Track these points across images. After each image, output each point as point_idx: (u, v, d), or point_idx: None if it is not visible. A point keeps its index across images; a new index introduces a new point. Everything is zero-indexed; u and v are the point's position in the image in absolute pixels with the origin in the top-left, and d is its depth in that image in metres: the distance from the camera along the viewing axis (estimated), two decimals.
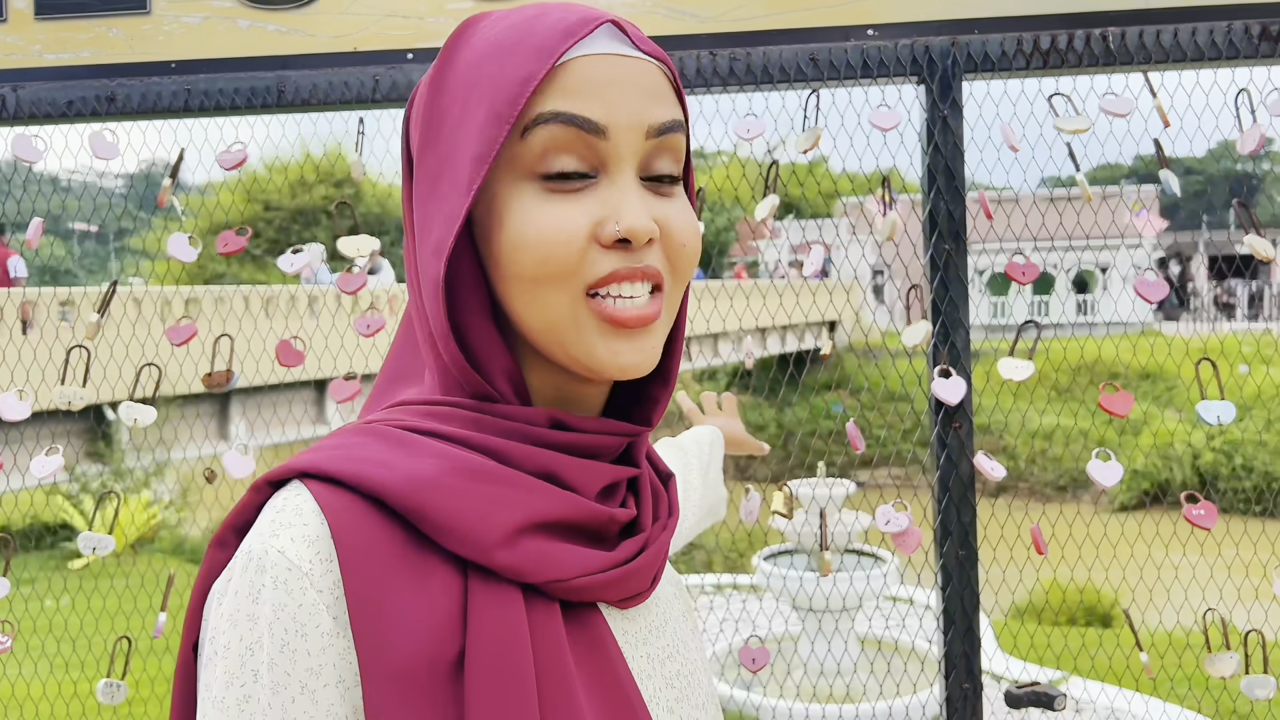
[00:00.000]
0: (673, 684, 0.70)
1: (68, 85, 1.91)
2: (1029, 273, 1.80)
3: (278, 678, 0.55)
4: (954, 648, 1.86)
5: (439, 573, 0.58)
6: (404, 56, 1.90)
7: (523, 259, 0.62)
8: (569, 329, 0.63)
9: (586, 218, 0.62)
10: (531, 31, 0.63)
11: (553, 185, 0.62)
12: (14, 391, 1.87)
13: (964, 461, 1.84)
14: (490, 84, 0.62)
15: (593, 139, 0.62)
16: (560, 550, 0.61)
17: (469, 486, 0.59)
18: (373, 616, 0.55)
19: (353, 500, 0.58)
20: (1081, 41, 1.80)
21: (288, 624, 0.55)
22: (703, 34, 1.88)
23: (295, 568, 0.56)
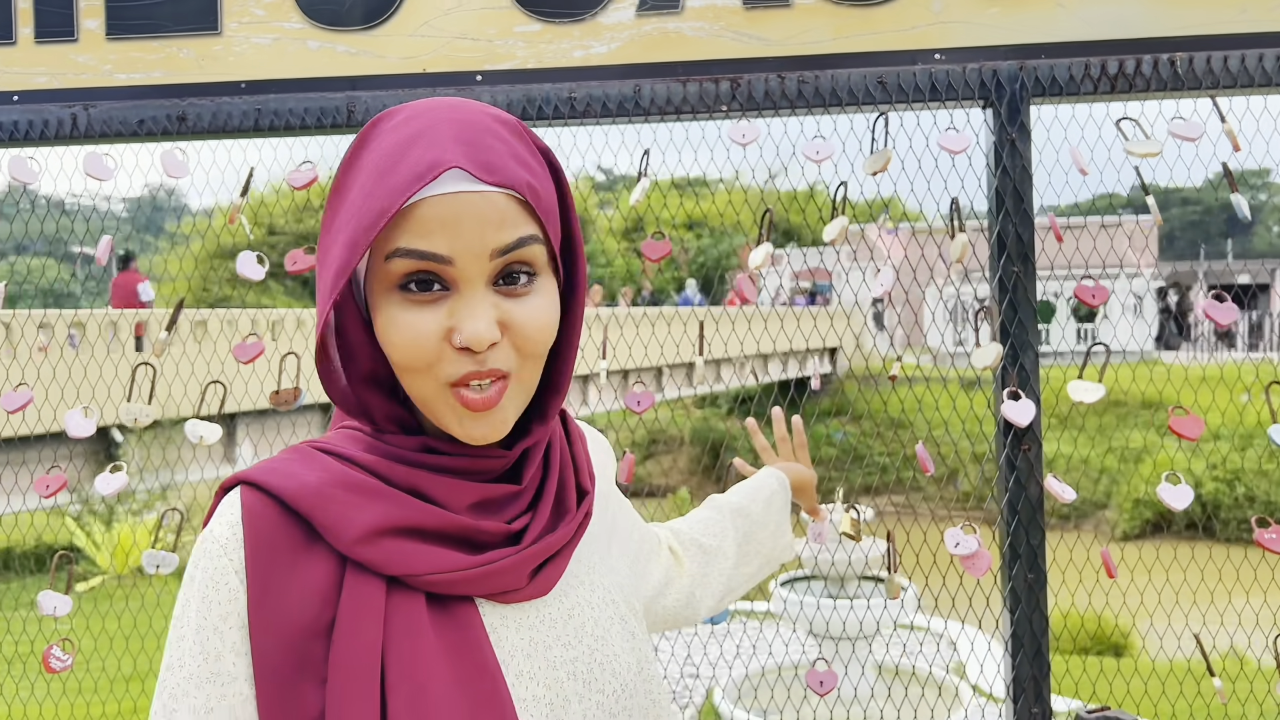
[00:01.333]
0: (556, 667, 0.81)
1: (139, 105, 1.92)
2: (1099, 295, 1.81)
3: (199, 620, 0.74)
4: (1022, 671, 1.86)
5: (323, 560, 0.75)
6: (473, 78, 1.92)
7: (392, 354, 0.77)
8: (435, 406, 0.78)
9: (438, 325, 0.76)
10: (396, 166, 0.75)
11: (410, 296, 0.76)
12: (80, 409, 1.87)
13: (1033, 484, 1.84)
14: (360, 210, 0.76)
15: (441, 266, 0.75)
16: (416, 550, 0.76)
17: (342, 495, 0.76)
18: (263, 581, 0.74)
19: (265, 499, 0.76)
20: (1149, 66, 1.82)
21: (207, 581, 0.74)
22: (770, 57, 1.89)
23: (216, 541, 0.75)
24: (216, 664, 0.73)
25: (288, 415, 9.75)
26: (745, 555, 1.27)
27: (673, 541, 1.21)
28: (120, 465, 1.86)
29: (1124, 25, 1.84)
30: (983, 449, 9.24)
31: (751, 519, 1.30)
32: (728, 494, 1.34)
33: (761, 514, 1.31)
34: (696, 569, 1.20)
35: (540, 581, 0.81)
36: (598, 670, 0.83)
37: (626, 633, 0.87)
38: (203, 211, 17.82)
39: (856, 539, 1.83)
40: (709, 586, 1.21)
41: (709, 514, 1.29)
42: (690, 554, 1.21)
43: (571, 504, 0.86)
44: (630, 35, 1.90)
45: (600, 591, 0.88)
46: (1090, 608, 7.46)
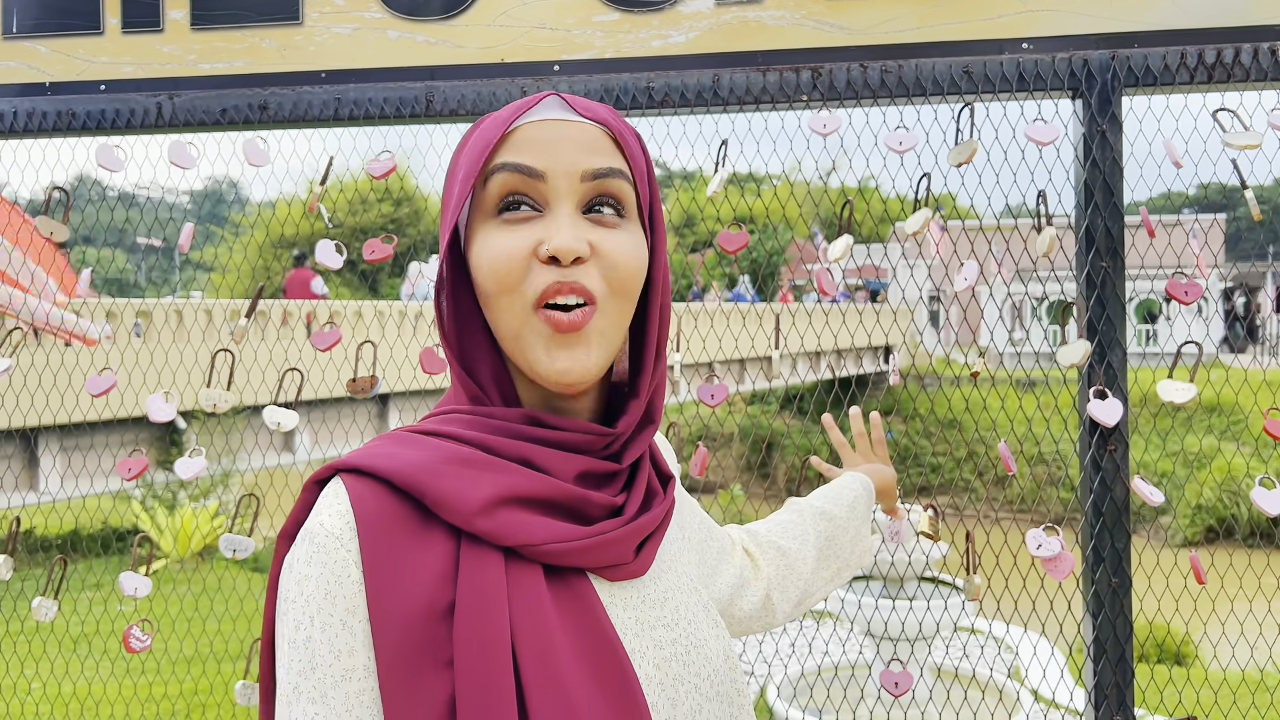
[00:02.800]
0: (662, 647, 0.81)
1: (222, 94, 1.94)
2: (1192, 292, 1.75)
3: (324, 618, 0.71)
4: (1105, 678, 1.81)
5: (438, 537, 0.74)
6: (551, 68, 1.91)
7: (483, 277, 0.78)
8: (524, 334, 0.78)
9: (529, 241, 0.77)
10: (499, 115, 0.81)
11: (505, 218, 0.78)
12: (160, 393, 1.89)
13: (1119, 485, 1.79)
14: (469, 155, 0.80)
15: (534, 181, 0.78)
16: (533, 520, 0.75)
17: (455, 469, 0.75)
18: (381, 568, 0.72)
19: (372, 484, 0.74)
20: (1249, 55, 1.76)
21: (328, 576, 0.72)
22: (852, 46, 1.86)
23: (330, 534, 0.72)
24: (351, 659, 0.71)
25: (345, 406, 9.88)
26: (825, 559, 1.25)
27: (749, 544, 1.19)
28: (199, 450, 1.88)
29: (1221, 13, 1.78)
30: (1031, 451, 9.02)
31: (834, 523, 1.27)
32: (810, 497, 1.32)
33: (845, 518, 1.29)
34: (774, 572, 1.18)
35: (643, 558, 0.81)
36: (694, 654, 0.83)
37: (711, 620, 0.87)
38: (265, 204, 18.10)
39: (935, 538, 1.80)
40: (787, 591, 1.19)
41: (789, 517, 1.27)
42: (768, 556, 1.19)
43: (658, 487, 0.86)
44: (709, 24, 1.88)
45: (685, 579, 0.88)
46: (1156, 614, 7.30)
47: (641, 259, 0.81)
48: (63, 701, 4.91)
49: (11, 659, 2.99)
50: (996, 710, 5.00)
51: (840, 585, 1.30)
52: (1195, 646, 7.53)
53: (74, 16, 1.99)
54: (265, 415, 1.86)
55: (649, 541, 0.82)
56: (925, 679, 5.32)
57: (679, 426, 2.04)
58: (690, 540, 1.01)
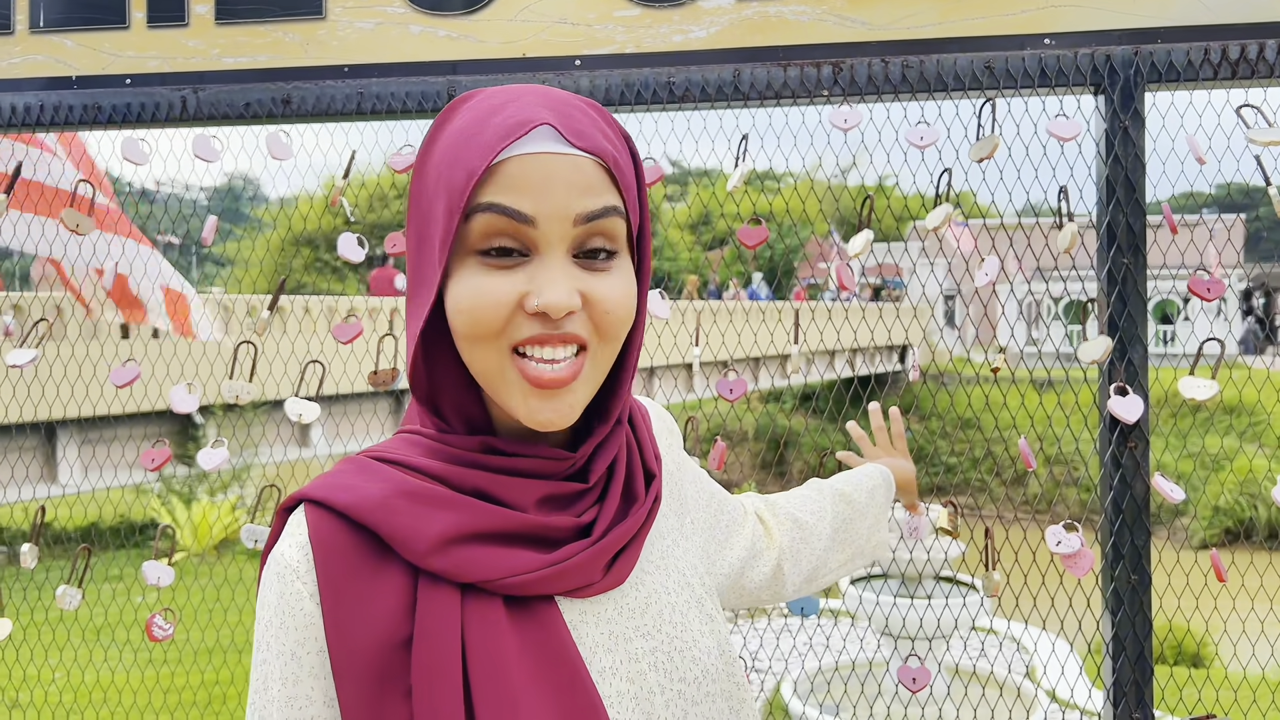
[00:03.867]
0: (637, 659, 0.79)
1: (245, 88, 1.96)
2: (1214, 289, 1.75)
3: (278, 645, 0.73)
4: (1124, 675, 1.80)
5: (395, 573, 0.73)
6: (572, 63, 1.92)
7: (462, 319, 0.75)
8: (499, 382, 0.76)
9: (514, 289, 0.74)
10: (481, 130, 0.74)
11: (489, 261, 0.74)
12: (183, 385, 1.91)
13: (1139, 482, 1.79)
14: (448, 177, 0.74)
15: (523, 226, 0.73)
16: (489, 555, 0.74)
17: (408, 505, 0.74)
18: (338, 602, 0.72)
19: (331, 517, 0.74)
20: (1273, 51, 1.75)
21: (283, 607, 0.73)
22: (873, 41, 1.86)
23: (288, 566, 0.74)
24: (295, 688, 0.73)
25: (358, 402, 9.94)
26: (839, 541, 1.24)
27: (764, 512, 1.18)
28: (221, 441, 1.90)
29: (1245, 8, 1.77)
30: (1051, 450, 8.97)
31: (853, 505, 1.27)
32: (831, 479, 1.32)
33: (864, 503, 1.29)
34: (788, 542, 1.17)
35: (615, 573, 0.80)
36: (678, 658, 0.82)
37: (704, 616, 0.86)
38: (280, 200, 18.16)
39: (955, 535, 1.80)
40: (799, 563, 1.18)
41: (809, 493, 1.27)
42: (784, 526, 1.18)
43: (640, 490, 0.83)
44: (730, 19, 1.89)
45: (675, 576, 0.87)
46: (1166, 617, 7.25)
47: (632, 299, 0.78)
48: (85, 690, 4.97)
49: (36, 648, 3.02)
50: (1014, 710, 4.99)
51: (853, 572, 1.29)
52: (1215, 647, 7.49)
53: (100, 11, 2.01)
54: (287, 407, 1.88)
55: (624, 553, 0.80)
56: (942, 678, 5.31)
57: (696, 422, 2.04)
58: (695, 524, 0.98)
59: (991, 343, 1.87)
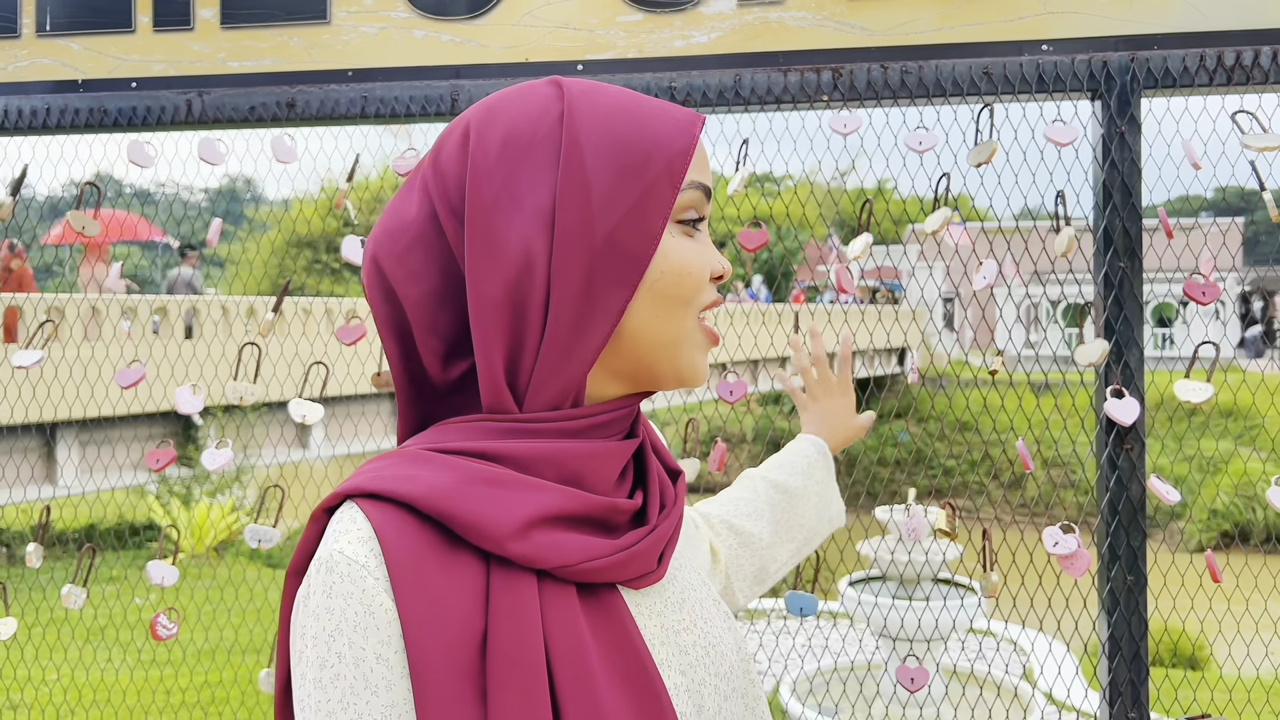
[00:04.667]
0: (686, 652, 0.80)
1: (250, 91, 1.97)
2: (1209, 293, 1.76)
3: (356, 653, 0.67)
4: (1119, 676, 1.82)
5: (467, 563, 0.70)
6: (574, 68, 1.93)
7: (679, 283, 0.78)
8: (685, 343, 0.79)
9: (706, 256, 0.80)
10: (653, 107, 0.78)
11: (687, 229, 0.80)
12: (188, 385, 1.93)
13: (1135, 484, 1.80)
14: (649, 148, 0.76)
15: (705, 201, 0.81)
16: (567, 539, 0.72)
17: (482, 491, 0.71)
18: (414, 597, 0.68)
19: (391, 509, 0.70)
20: (1268, 58, 1.77)
21: (357, 608, 0.67)
22: (873, 47, 1.88)
23: (354, 562, 0.68)
24: (389, 695, 0.67)
25: (357, 404, 9.94)
26: (782, 536, 1.22)
27: (708, 533, 1.16)
28: (226, 440, 1.92)
29: (1241, 15, 1.79)
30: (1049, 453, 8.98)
31: (790, 494, 1.24)
32: (763, 468, 1.28)
33: (801, 488, 1.26)
34: (730, 555, 1.16)
35: (663, 564, 0.80)
36: (712, 653, 0.82)
37: (723, 614, 0.87)
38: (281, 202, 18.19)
39: (953, 537, 1.81)
40: (743, 570, 1.17)
41: (742, 493, 1.24)
42: (723, 539, 1.17)
43: (669, 484, 0.84)
44: (731, 25, 1.90)
45: (695, 574, 0.88)
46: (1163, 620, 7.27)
47: None
48: (90, 689, 4.97)
49: (39, 648, 3.03)
50: (1011, 711, 5.00)
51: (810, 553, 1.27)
52: (1210, 649, 7.51)
53: (106, 15, 2.03)
54: (290, 408, 1.89)
55: (669, 545, 0.81)
56: (940, 680, 5.32)
57: (697, 424, 2.06)
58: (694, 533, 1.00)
59: (989, 346, 1.89)
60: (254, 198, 23.36)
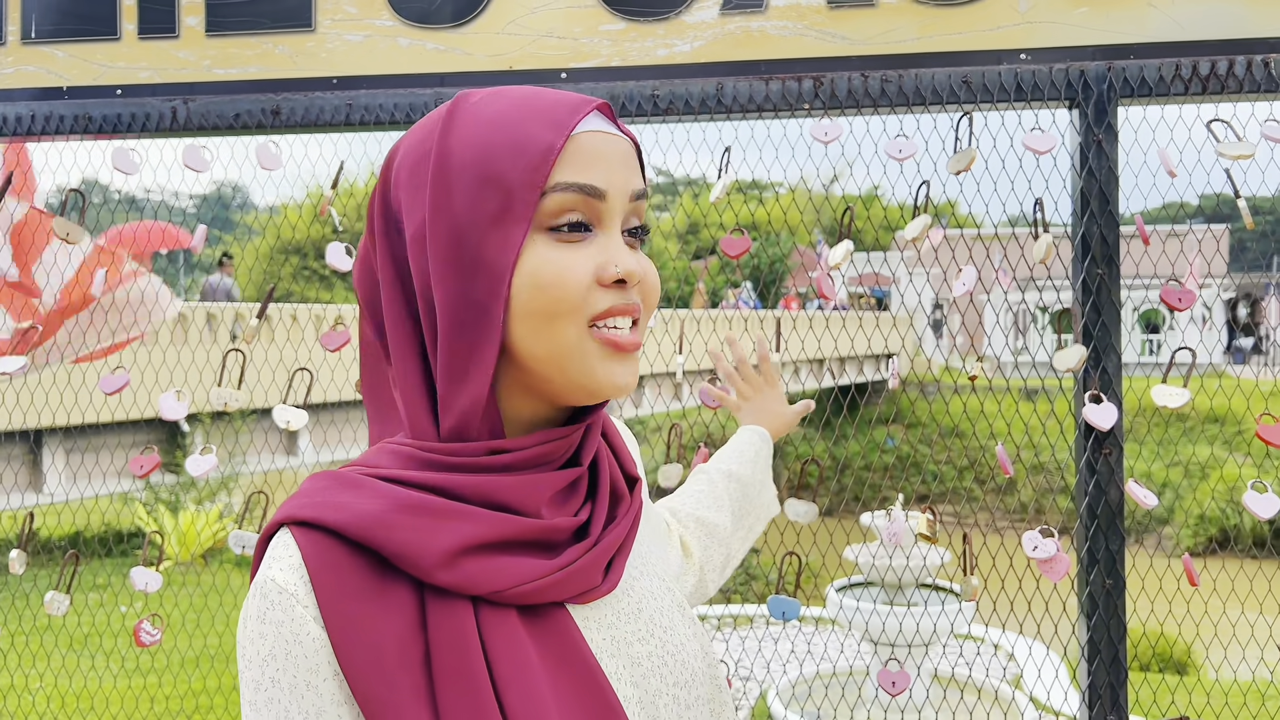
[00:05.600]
0: (640, 663, 0.79)
1: (235, 99, 1.98)
2: (1185, 299, 1.79)
3: (289, 679, 0.68)
4: (1099, 678, 1.84)
5: (399, 589, 0.70)
6: (558, 76, 1.95)
7: (542, 297, 0.73)
8: (574, 356, 0.75)
9: (590, 263, 0.75)
10: (534, 108, 0.75)
11: (563, 236, 0.74)
12: (173, 391, 1.93)
13: (1113, 488, 1.82)
14: (510, 153, 0.73)
15: (594, 201, 0.75)
16: (499, 564, 0.72)
17: (409, 520, 0.70)
18: (344, 623, 0.68)
19: (321, 537, 0.70)
20: (1242, 67, 1.79)
21: (287, 635, 0.68)
22: (854, 56, 1.90)
23: (284, 590, 0.69)
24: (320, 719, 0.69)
25: (344, 411, 9.92)
26: (739, 520, 1.26)
27: (674, 526, 1.19)
28: (210, 447, 1.92)
29: (1216, 25, 1.81)
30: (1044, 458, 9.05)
31: (743, 483, 1.29)
32: (715, 460, 1.33)
33: (750, 475, 1.30)
34: (700, 548, 1.18)
35: (611, 577, 0.79)
36: (670, 662, 0.81)
37: (687, 619, 0.86)
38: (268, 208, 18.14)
39: (934, 541, 1.83)
40: (712, 561, 1.19)
41: (703, 486, 1.27)
42: (692, 533, 1.19)
43: (624, 491, 0.84)
44: (714, 34, 1.92)
45: (656, 580, 0.87)
46: (1155, 624, 7.32)
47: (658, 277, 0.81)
48: (72, 697, 4.95)
49: (22, 656, 3.02)
50: (992, 714, 5.02)
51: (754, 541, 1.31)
52: (1204, 653, 7.55)
53: (91, 22, 2.03)
54: (275, 414, 1.90)
55: (617, 557, 0.80)
56: (925, 685, 5.34)
57: (680, 430, 2.07)
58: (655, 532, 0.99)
59: (969, 352, 1.91)
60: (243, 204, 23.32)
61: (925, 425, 18.13)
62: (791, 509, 1.88)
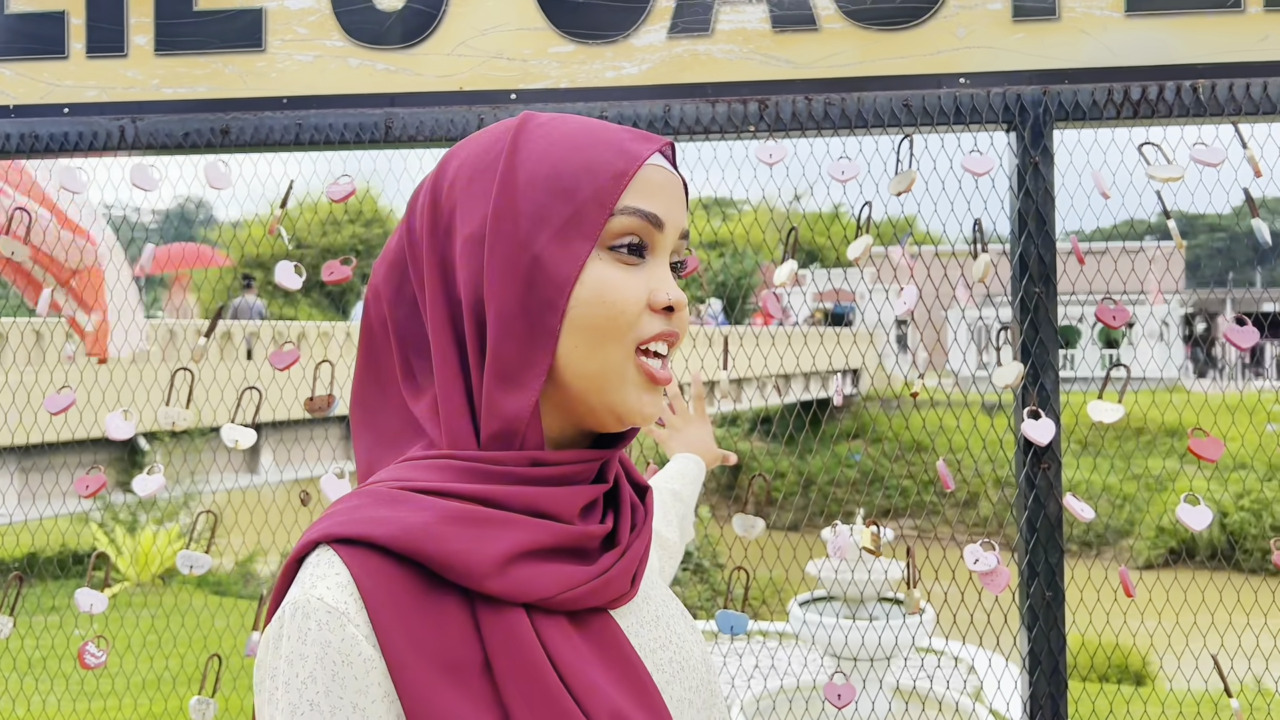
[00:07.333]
0: (662, 669, 0.80)
1: (184, 118, 1.98)
2: (1119, 316, 1.83)
3: (333, 702, 0.66)
4: (1039, 689, 1.87)
5: (450, 600, 0.70)
6: (508, 97, 1.97)
7: (599, 312, 0.75)
8: (616, 379, 0.77)
9: (644, 286, 0.77)
10: (606, 136, 0.78)
11: (622, 258, 0.77)
12: (119, 411, 1.92)
13: (1052, 502, 1.86)
14: (583, 172, 0.76)
15: (653, 230, 0.78)
16: (544, 571, 0.72)
17: (457, 530, 0.70)
18: (398, 637, 0.67)
19: (367, 553, 0.69)
20: (1172, 92, 1.85)
21: (335, 656, 0.66)
22: (798, 79, 1.94)
23: (334, 610, 0.67)
24: None
25: (310, 428, 9.84)
26: (681, 539, 1.31)
27: None
28: (157, 467, 1.91)
29: (1147, 52, 1.87)
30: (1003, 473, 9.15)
31: (684, 502, 1.34)
32: (660, 478, 1.38)
33: (690, 497, 1.36)
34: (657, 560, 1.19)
35: (636, 584, 0.80)
36: (686, 669, 0.83)
37: (691, 628, 0.88)
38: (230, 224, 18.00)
39: (877, 554, 1.86)
40: (666, 576, 1.22)
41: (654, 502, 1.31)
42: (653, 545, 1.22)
43: (638, 501, 0.85)
44: (661, 57, 1.95)
45: (663, 589, 0.89)
46: (1112, 635, 7.42)
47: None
48: None
49: None
50: None
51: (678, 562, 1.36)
52: (1159, 664, 7.65)
53: (39, 41, 2.03)
54: (223, 433, 1.90)
55: (640, 564, 0.81)
56: (886, 697, 5.38)
57: (643, 445, 2.09)
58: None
59: (929, 368, 1.94)
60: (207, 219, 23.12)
61: (889, 440, 18.26)
62: (738, 523, 1.91)
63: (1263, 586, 2.72)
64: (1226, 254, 29.95)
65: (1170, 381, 18.52)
